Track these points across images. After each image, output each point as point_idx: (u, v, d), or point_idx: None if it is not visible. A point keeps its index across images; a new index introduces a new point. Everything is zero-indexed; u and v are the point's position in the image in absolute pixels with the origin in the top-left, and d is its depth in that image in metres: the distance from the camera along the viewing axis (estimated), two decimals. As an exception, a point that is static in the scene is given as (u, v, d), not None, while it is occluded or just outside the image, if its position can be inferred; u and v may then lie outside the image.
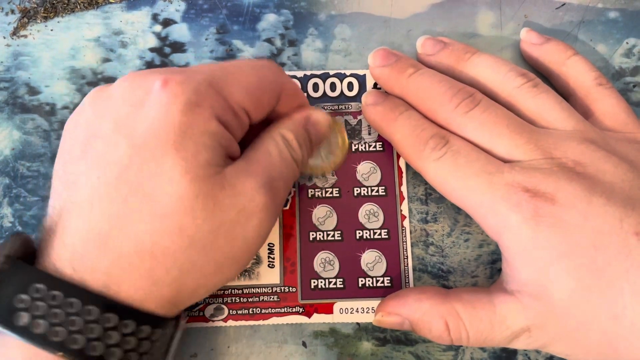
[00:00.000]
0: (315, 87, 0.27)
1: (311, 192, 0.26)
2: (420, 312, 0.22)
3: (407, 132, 0.24)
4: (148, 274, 0.19)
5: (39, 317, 0.17)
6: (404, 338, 0.25)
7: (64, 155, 0.21)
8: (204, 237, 0.19)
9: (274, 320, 0.25)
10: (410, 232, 0.26)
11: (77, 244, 0.18)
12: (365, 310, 0.25)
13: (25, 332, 0.17)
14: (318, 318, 0.25)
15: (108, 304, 0.18)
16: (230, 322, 0.25)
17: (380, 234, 0.26)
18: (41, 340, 0.17)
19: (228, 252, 0.20)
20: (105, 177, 0.19)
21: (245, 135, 0.22)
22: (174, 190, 0.18)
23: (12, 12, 0.28)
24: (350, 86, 0.28)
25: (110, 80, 0.28)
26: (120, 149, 0.19)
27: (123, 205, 0.18)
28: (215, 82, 0.20)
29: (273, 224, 0.22)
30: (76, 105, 0.27)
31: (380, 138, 0.27)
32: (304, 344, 0.25)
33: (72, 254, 0.18)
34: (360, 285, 0.25)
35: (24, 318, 0.17)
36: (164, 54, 0.28)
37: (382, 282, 0.25)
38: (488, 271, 0.26)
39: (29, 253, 0.19)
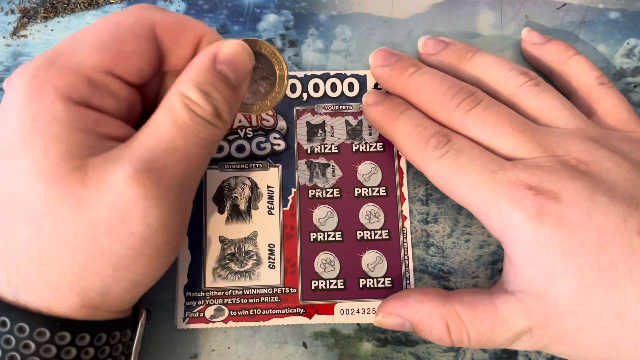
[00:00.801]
0: (316, 88, 0.27)
1: (312, 192, 0.26)
2: (421, 313, 0.22)
3: (408, 131, 0.24)
4: (44, 281, 0.18)
5: None
6: (404, 339, 0.25)
7: None
8: (83, 238, 0.17)
9: (275, 321, 0.25)
10: (411, 233, 0.26)
11: None
12: (366, 311, 0.25)
13: None
14: (319, 319, 0.25)
15: (17, 314, 0.17)
16: (231, 323, 0.25)
17: (381, 235, 0.26)
18: None
19: (119, 251, 0.18)
20: None
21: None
22: (34, 194, 0.17)
23: (12, 12, 0.28)
24: (350, 86, 0.27)
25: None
26: None
27: (1, 214, 0.18)
28: (58, 58, 0.18)
29: (171, 209, 0.18)
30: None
31: (381, 138, 0.27)
32: (304, 345, 0.25)
33: None
34: (361, 286, 0.25)
35: None
36: (164, 54, 0.28)
37: (383, 282, 0.25)
38: (489, 272, 0.26)
39: None
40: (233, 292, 0.25)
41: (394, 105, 0.25)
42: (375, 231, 0.26)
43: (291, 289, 0.25)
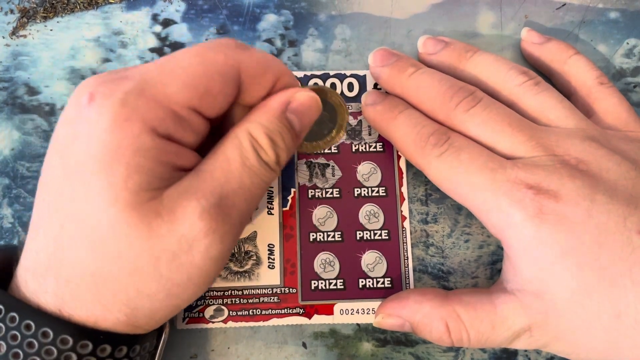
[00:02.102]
0: (316, 88, 0.27)
1: (311, 192, 0.26)
2: (420, 314, 0.22)
3: (407, 130, 0.24)
4: (96, 299, 0.18)
5: (0, 339, 0.17)
6: (404, 339, 0.25)
7: None
8: (145, 264, 0.18)
9: (274, 322, 0.25)
10: (411, 233, 0.26)
11: (30, 266, 0.18)
12: (366, 311, 0.25)
13: None
14: (318, 319, 0.25)
15: (61, 326, 0.18)
16: (230, 323, 0.25)
17: (380, 235, 0.26)
18: None
19: (176, 280, 0.18)
20: (45, 200, 0.19)
21: (219, 130, 0.20)
22: (105, 218, 0.17)
23: (12, 11, 0.28)
24: (350, 86, 0.27)
25: (110, 80, 0.27)
26: (56, 172, 0.18)
27: (60, 231, 0.18)
28: (148, 87, 0.18)
29: (231, 244, 0.19)
30: (76, 105, 0.27)
31: (380, 139, 0.27)
32: (304, 345, 0.25)
33: (26, 275, 0.18)
34: (360, 286, 0.25)
35: None
36: (164, 54, 0.28)
37: (383, 283, 0.25)
38: (488, 272, 0.26)
39: (5, 269, 0.20)
40: (233, 292, 0.25)
41: (393, 104, 0.25)
42: (375, 231, 0.26)
43: (291, 289, 0.25)
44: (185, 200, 0.18)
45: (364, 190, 0.26)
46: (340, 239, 0.26)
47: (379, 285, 0.25)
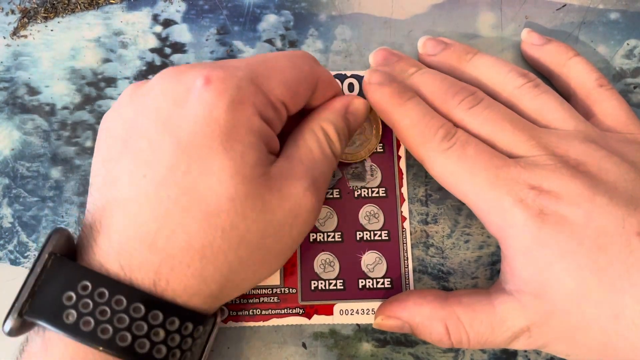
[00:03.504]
0: (316, 88, 0.27)
1: (311, 193, 0.26)
2: (420, 316, 0.22)
3: (416, 118, 0.23)
4: (198, 272, 0.19)
5: (87, 315, 0.17)
6: (403, 339, 0.25)
7: (102, 151, 0.21)
8: (253, 236, 0.19)
9: (274, 322, 0.25)
10: (411, 234, 0.26)
11: (125, 242, 0.18)
12: (366, 312, 0.25)
13: (74, 330, 0.17)
14: (318, 319, 0.25)
15: (154, 302, 0.18)
16: (230, 323, 0.25)
17: (380, 236, 0.26)
18: (90, 338, 0.17)
19: (274, 250, 0.20)
20: (152, 176, 0.19)
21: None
22: (224, 191, 0.18)
23: (12, 12, 0.28)
24: (351, 87, 0.28)
25: (111, 81, 0.28)
26: (166, 148, 0.19)
27: (172, 205, 0.18)
28: (256, 78, 0.20)
29: (315, 221, 0.22)
30: (76, 105, 0.27)
31: (381, 139, 0.27)
32: (303, 345, 0.25)
33: (119, 251, 0.18)
34: (360, 286, 0.25)
35: (72, 316, 0.17)
36: (165, 54, 0.28)
37: (383, 283, 0.25)
38: (488, 272, 0.26)
39: (71, 249, 0.19)
40: (233, 292, 0.25)
41: (402, 89, 0.24)
42: (375, 232, 0.26)
43: (291, 289, 0.25)
44: (288, 179, 0.20)
45: (364, 191, 0.26)
46: (340, 239, 0.26)
47: (379, 285, 0.25)
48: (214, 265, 0.19)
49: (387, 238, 0.26)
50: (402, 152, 0.27)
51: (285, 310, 0.25)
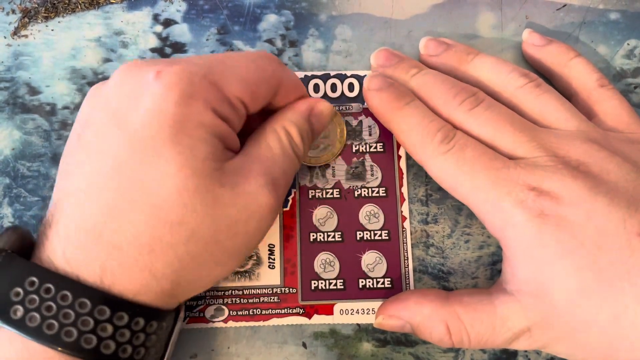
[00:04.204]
0: (316, 88, 0.27)
1: (312, 193, 0.26)
2: (421, 315, 0.22)
3: (414, 122, 0.23)
4: (147, 267, 0.18)
5: (33, 310, 0.17)
6: (404, 339, 0.25)
7: (65, 148, 0.21)
8: (204, 231, 0.19)
9: (274, 321, 0.25)
10: (411, 233, 0.26)
11: (72, 236, 0.18)
12: (366, 312, 0.25)
13: (20, 326, 0.17)
14: (318, 319, 0.25)
15: (100, 297, 0.18)
16: (231, 323, 0.25)
17: (380, 235, 0.26)
18: (36, 334, 0.17)
19: (228, 247, 0.20)
20: (100, 168, 0.19)
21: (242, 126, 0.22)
22: (172, 184, 0.18)
23: (13, 12, 0.28)
24: (351, 87, 0.28)
25: (111, 80, 0.28)
26: (115, 140, 0.19)
27: (119, 197, 0.18)
28: (211, 74, 0.20)
29: (274, 220, 0.22)
30: (77, 105, 0.27)
31: (381, 139, 0.27)
32: (304, 345, 0.25)
33: (66, 245, 0.18)
34: (360, 286, 0.25)
35: (19, 311, 0.17)
36: (165, 54, 0.28)
37: (383, 283, 0.25)
38: (488, 272, 0.26)
39: (26, 246, 0.19)
40: (233, 292, 0.25)
41: (400, 93, 0.24)
42: (375, 231, 0.26)
43: (291, 289, 0.25)
44: (244, 175, 0.20)
45: (364, 191, 0.26)
46: (340, 239, 0.26)
47: (379, 285, 0.25)
48: (163, 260, 0.19)
49: (387, 238, 0.26)
50: (402, 152, 0.27)
51: (286, 310, 0.25)
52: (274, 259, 0.25)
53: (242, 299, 0.25)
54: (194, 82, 0.19)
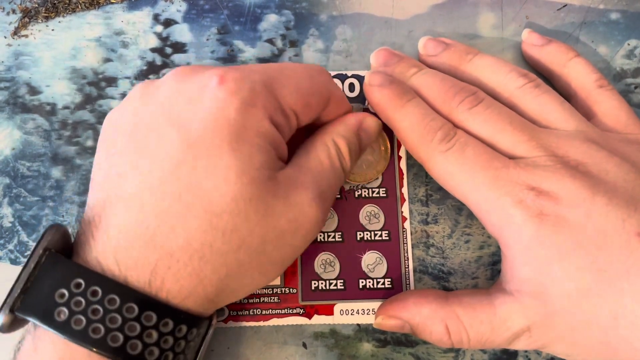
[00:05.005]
0: (316, 88, 0.27)
1: (312, 193, 0.26)
2: (420, 316, 0.22)
3: (415, 120, 0.23)
4: (195, 273, 0.18)
5: (79, 313, 0.17)
6: (404, 339, 0.25)
7: (106, 146, 0.20)
8: (254, 240, 0.19)
9: (275, 322, 0.25)
10: (411, 234, 0.26)
11: (123, 237, 0.18)
12: (366, 312, 0.25)
13: (64, 329, 0.17)
14: (318, 319, 0.25)
15: (148, 302, 0.18)
16: (231, 323, 0.25)
17: (381, 236, 0.26)
18: (81, 337, 0.17)
19: (274, 258, 0.20)
20: (156, 171, 0.18)
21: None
22: (228, 190, 0.18)
23: (13, 11, 0.28)
24: (351, 87, 0.28)
25: (112, 80, 0.28)
26: (174, 143, 0.19)
27: (175, 201, 0.18)
28: (270, 83, 0.20)
29: (317, 234, 0.22)
30: (77, 105, 0.27)
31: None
32: (304, 345, 0.25)
33: (116, 247, 0.18)
34: (360, 286, 0.25)
35: (63, 314, 0.17)
36: (165, 54, 0.28)
37: (383, 283, 0.25)
38: (489, 272, 0.26)
39: (67, 246, 0.19)
40: (233, 292, 0.25)
41: (402, 90, 0.24)
42: (375, 232, 0.26)
43: (291, 289, 0.25)
44: (295, 187, 0.20)
45: (365, 191, 0.26)
46: (340, 239, 0.26)
47: (379, 285, 0.25)
48: (212, 266, 0.18)
49: (387, 238, 0.26)
50: (402, 152, 0.27)
51: (286, 310, 0.25)
52: (274, 259, 0.25)
53: (242, 299, 0.25)
54: (255, 89, 0.20)
